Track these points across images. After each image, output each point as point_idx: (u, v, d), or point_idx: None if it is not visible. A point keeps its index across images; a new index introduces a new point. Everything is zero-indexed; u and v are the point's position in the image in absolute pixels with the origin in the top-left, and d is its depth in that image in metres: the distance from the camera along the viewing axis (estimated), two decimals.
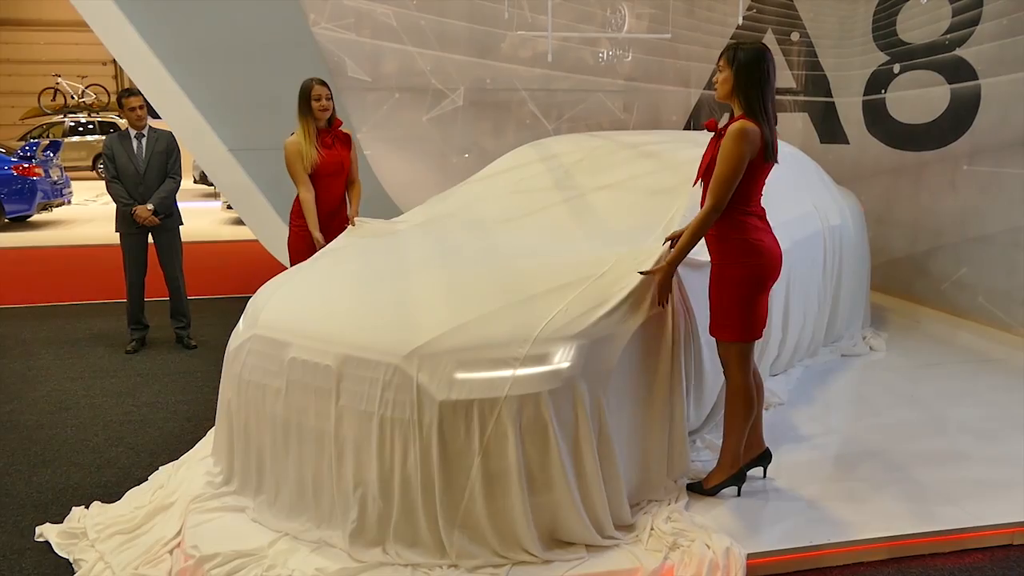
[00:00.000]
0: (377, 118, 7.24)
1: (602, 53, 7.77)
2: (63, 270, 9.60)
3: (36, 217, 13.16)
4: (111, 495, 3.63)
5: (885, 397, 4.73)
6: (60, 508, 3.54)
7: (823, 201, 5.26)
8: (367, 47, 7.12)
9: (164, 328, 6.22)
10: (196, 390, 5.08)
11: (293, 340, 3.19)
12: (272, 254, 6.94)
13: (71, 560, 3.17)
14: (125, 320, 6.02)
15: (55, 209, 13.51)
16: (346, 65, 7.06)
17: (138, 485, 3.68)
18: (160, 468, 3.82)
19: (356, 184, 4.87)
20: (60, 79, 22.98)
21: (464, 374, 2.88)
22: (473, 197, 4.81)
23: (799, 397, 4.64)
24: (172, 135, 5.90)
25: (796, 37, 8.02)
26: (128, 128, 5.73)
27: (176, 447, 4.13)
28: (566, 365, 2.92)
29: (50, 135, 19.84)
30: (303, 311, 3.36)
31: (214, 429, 3.71)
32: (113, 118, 20.81)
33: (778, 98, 7.87)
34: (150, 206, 5.63)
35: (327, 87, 4.61)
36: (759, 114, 3.07)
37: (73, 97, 23.09)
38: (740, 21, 7.85)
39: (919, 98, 6.85)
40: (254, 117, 6.71)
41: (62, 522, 3.40)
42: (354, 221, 4.50)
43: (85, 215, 14.06)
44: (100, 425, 4.52)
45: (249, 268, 8.78)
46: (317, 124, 4.62)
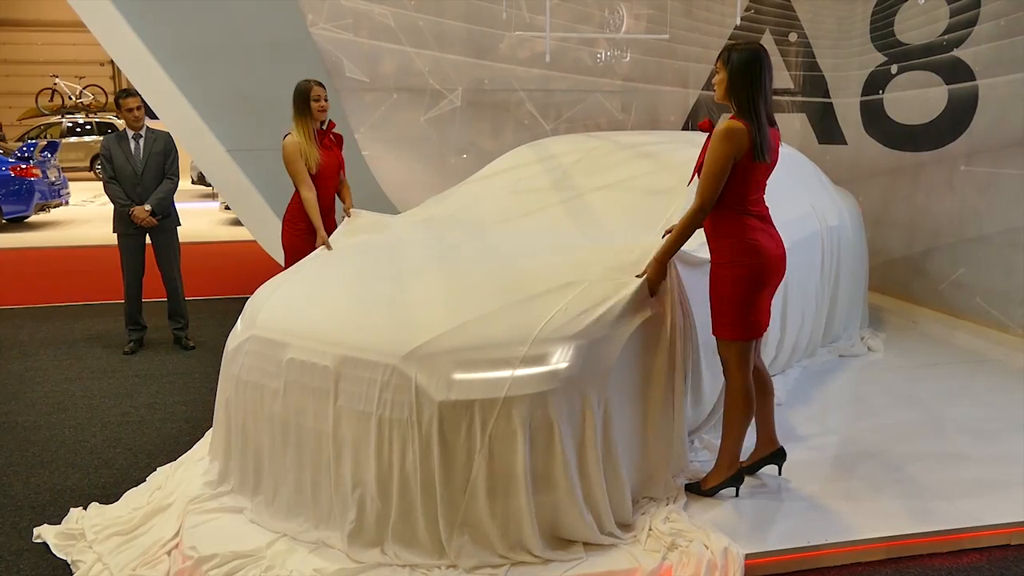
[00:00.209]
0: (375, 119, 7.24)
1: (600, 54, 7.77)
2: (61, 271, 9.58)
3: (34, 218, 13.14)
4: (109, 496, 3.63)
5: (883, 397, 4.73)
6: (58, 509, 3.54)
7: (821, 202, 5.27)
8: (365, 47, 7.12)
9: (162, 329, 6.21)
10: (194, 391, 5.07)
11: (291, 341, 3.19)
12: (270, 254, 6.93)
13: (69, 561, 3.16)
14: (123, 321, 6.02)
15: (53, 210, 13.50)
16: (344, 65, 7.06)
17: (136, 486, 3.68)
18: (158, 469, 3.82)
19: (345, 183, 4.91)
20: (58, 80, 22.96)
21: (463, 375, 2.88)
22: (471, 198, 4.81)
23: (797, 397, 4.65)
24: (170, 136, 5.90)
25: (794, 38, 8.02)
26: (126, 129, 5.73)
27: (174, 448, 4.13)
28: (565, 365, 2.92)
29: (48, 136, 19.81)
30: (301, 312, 3.36)
31: (212, 430, 3.71)
32: (111, 119, 20.76)
33: (776, 99, 7.90)
34: (148, 207, 5.62)
35: (324, 87, 4.63)
36: (749, 115, 3.11)
37: (71, 98, 23.08)
38: (738, 22, 7.85)
39: (917, 99, 6.86)
40: (252, 118, 6.71)
41: (60, 523, 3.39)
42: (350, 212, 4.60)
43: (83, 216, 14.03)
44: (98, 426, 4.51)
45: (247, 269, 8.78)
46: (315, 125, 4.63)
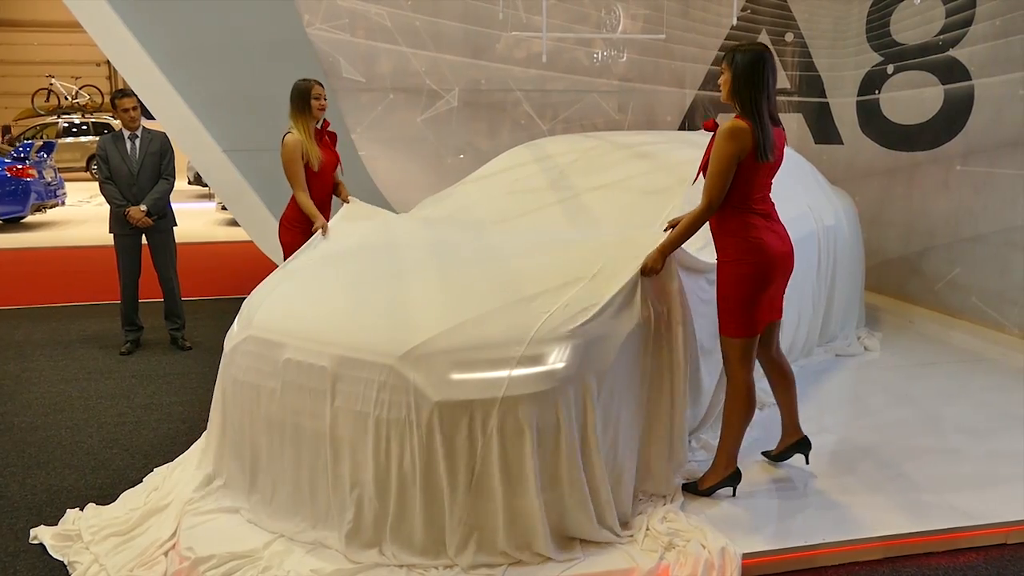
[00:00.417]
0: (372, 119, 7.24)
1: (597, 54, 7.78)
2: (57, 271, 9.56)
3: (30, 218, 13.11)
4: (106, 497, 3.62)
5: (879, 397, 4.74)
6: (54, 510, 3.53)
7: (818, 202, 5.27)
8: (362, 48, 7.12)
9: (158, 329, 6.20)
10: (191, 391, 5.06)
11: (288, 341, 3.19)
12: (266, 255, 6.92)
13: (66, 562, 3.15)
14: (119, 321, 6.00)
15: (49, 210, 13.46)
16: (340, 66, 7.06)
17: (133, 487, 3.67)
18: (155, 470, 3.80)
19: (341, 181, 4.94)
20: (54, 80, 22.89)
21: (460, 375, 2.88)
22: (468, 198, 4.81)
23: None
24: (166, 136, 5.89)
25: (790, 38, 8.03)
26: (122, 129, 5.70)
27: (171, 449, 4.12)
28: (562, 365, 2.92)
29: (44, 136, 19.76)
30: (298, 312, 3.36)
31: (208, 430, 3.70)
32: (107, 119, 20.74)
33: None
34: (143, 207, 5.61)
35: (323, 86, 4.66)
36: (752, 114, 3.13)
37: (67, 98, 23.01)
38: (734, 22, 7.86)
39: (913, 99, 6.87)
40: (248, 118, 6.70)
41: (56, 524, 3.39)
42: (348, 199, 4.70)
43: (79, 216, 14.00)
44: (95, 427, 4.50)
45: (243, 269, 8.76)
46: (313, 123, 4.64)
